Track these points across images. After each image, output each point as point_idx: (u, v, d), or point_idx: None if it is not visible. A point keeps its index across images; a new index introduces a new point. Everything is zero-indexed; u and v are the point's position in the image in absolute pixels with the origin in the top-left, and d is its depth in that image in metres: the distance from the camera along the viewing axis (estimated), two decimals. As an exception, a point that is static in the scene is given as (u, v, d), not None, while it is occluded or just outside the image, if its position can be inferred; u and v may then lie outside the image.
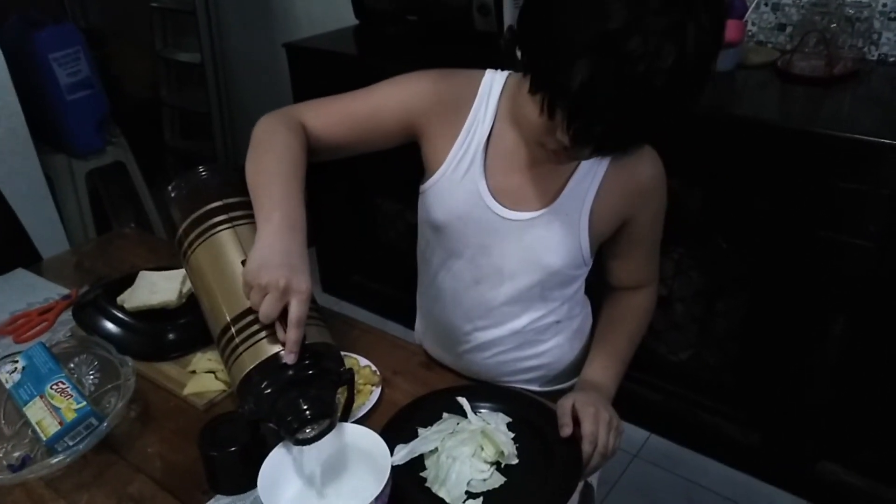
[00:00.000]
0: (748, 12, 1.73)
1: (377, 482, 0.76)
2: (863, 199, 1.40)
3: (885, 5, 1.69)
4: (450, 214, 0.97)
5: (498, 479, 0.84)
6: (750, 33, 1.89)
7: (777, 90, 1.70)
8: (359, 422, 0.92)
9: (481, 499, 0.81)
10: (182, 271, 1.21)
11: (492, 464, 0.85)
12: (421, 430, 0.89)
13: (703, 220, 1.72)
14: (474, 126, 0.94)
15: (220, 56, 3.19)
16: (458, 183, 0.95)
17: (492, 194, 0.94)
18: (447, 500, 0.81)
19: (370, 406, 0.97)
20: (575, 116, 0.74)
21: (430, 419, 0.91)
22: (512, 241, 0.96)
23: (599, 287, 1.11)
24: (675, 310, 1.82)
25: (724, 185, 1.64)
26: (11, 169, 2.12)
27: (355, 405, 0.96)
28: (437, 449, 0.86)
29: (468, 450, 0.85)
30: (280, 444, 0.81)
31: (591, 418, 0.87)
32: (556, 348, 1.09)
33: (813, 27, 1.68)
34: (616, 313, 1.07)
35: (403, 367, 1.07)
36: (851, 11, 1.68)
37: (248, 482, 0.80)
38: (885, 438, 1.61)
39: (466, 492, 0.82)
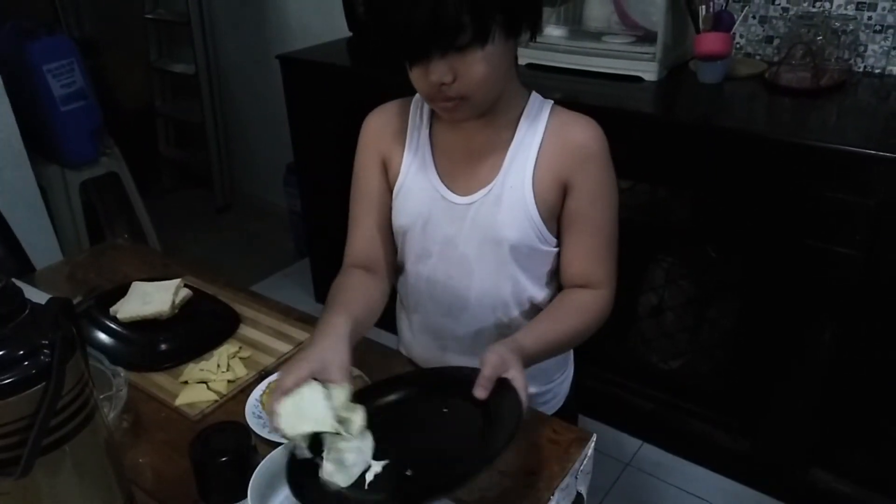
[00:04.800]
0: (736, 25, 1.76)
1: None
2: (849, 208, 1.42)
3: (870, 18, 1.72)
4: (413, 215, 1.02)
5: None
6: (738, 46, 1.92)
7: (765, 101, 1.72)
8: (349, 431, 0.93)
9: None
10: (175, 282, 1.22)
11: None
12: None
13: (692, 230, 1.74)
14: (414, 131, 1.02)
15: (214, 67, 3.21)
16: (414, 183, 1.01)
17: (445, 185, 1.00)
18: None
19: (361, 416, 0.97)
20: (390, 28, 0.84)
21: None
22: (469, 224, 0.99)
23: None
24: (666, 318, 1.83)
25: (712, 195, 1.66)
26: (5, 180, 2.12)
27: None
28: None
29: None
30: (270, 454, 0.82)
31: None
32: None
33: (800, 39, 1.70)
34: (560, 305, 1.00)
35: (394, 377, 1.08)
36: (837, 24, 1.71)
37: (239, 492, 0.80)
38: (875, 445, 1.62)
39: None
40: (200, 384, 1.06)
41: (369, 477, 0.76)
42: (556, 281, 1.09)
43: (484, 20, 0.81)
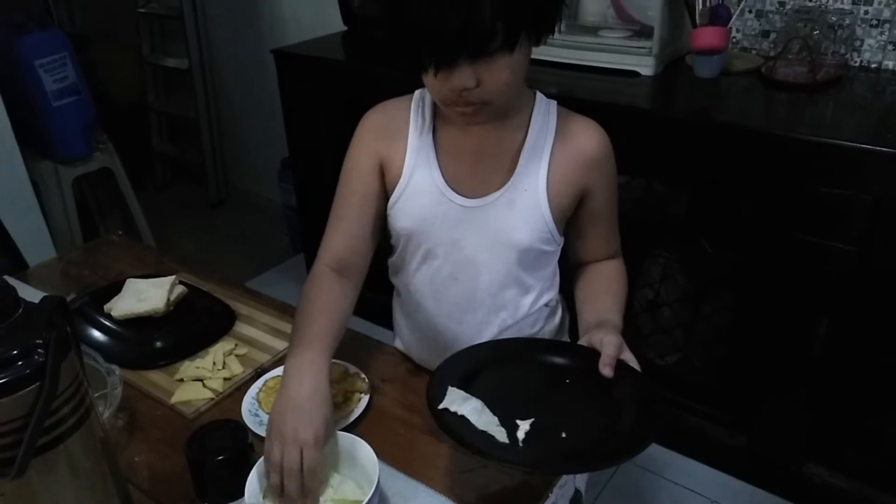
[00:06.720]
0: (732, 19, 1.75)
1: (365, 490, 0.77)
2: (845, 203, 1.42)
3: (866, 12, 1.71)
4: (417, 218, 1.00)
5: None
6: (734, 40, 1.91)
7: (761, 96, 1.72)
8: (347, 429, 0.92)
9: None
10: (170, 279, 1.21)
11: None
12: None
13: (688, 225, 1.74)
14: (416, 133, 0.99)
15: (207, 61, 3.19)
16: (418, 185, 0.99)
17: (451, 187, 0.98)
18: None
19: (358, 414, 0.97)
20: (417, 32, 0.82)
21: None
22: (479, 227, 0.99)
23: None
24: (662, 314, 1.83)
25: (709, 190, 1.65)
26: (-3, 176, 2.11)
27: (344, 412, 0.97)
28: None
29: None
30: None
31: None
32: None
33: (796, 34, 1.70)
34: (598, 276, 1.06)
35: (392, 375, 1.08)
36: (834, 19, 1.70)
37: (236, 491, 0.80)
38: (869, 440, 1.63)
39: None
40: (196, 382, 1.05)
41: (521, 435, 0.80)
42: (557, 279, 1.10)
43: (516, 26, 0.81)
